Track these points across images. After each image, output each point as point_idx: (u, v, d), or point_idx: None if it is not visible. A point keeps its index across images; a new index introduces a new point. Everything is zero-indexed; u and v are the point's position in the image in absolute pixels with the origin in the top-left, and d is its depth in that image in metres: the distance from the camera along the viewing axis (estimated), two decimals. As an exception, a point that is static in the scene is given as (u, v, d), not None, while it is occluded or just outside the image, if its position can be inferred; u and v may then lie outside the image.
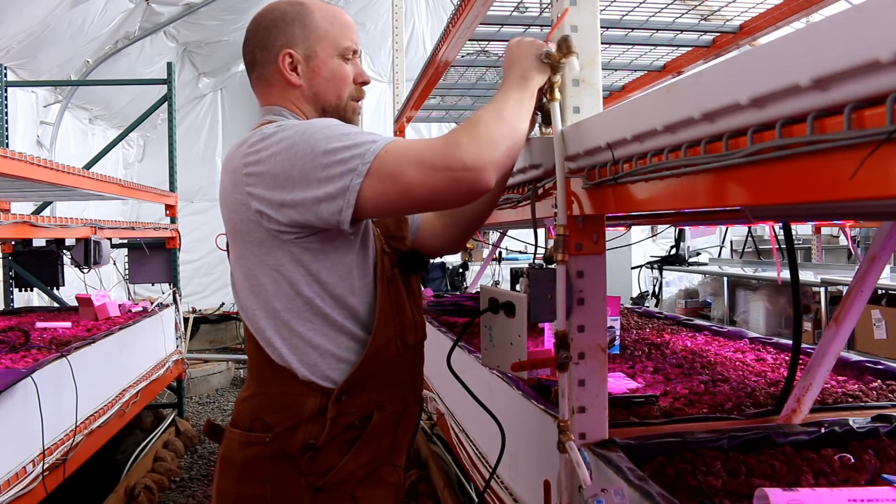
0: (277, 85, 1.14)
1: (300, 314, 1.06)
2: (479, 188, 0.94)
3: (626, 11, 1.86)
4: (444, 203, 0.98)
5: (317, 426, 1.07)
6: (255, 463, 1.08)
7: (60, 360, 2.27)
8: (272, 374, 1.08)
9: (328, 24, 1.13)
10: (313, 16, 1.13)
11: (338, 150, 0.95)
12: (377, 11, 6.82)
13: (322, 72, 1.13)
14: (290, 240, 1.03)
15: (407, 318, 1.16)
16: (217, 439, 1.18)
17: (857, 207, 1.21)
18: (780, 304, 4.99)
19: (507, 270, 5.01)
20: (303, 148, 0.97)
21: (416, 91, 2.85)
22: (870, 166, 0.52)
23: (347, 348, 1.09)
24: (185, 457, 3.89)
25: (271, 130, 1.02)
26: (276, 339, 1.07)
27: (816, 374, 1.31)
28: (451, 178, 0.92)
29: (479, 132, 0.94)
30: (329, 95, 1.15)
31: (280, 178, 0.98)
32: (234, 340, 6.98)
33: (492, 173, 0.94)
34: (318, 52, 1.12)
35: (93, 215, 5.60)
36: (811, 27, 0.54)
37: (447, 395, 2.37)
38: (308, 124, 1.00)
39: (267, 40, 1.13)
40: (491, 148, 0.93)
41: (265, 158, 1.00)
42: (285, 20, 1.12)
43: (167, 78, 4.42)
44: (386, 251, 1.15)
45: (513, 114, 1.00)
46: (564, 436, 1.09)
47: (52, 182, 2.29)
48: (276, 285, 1.06)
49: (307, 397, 1.07)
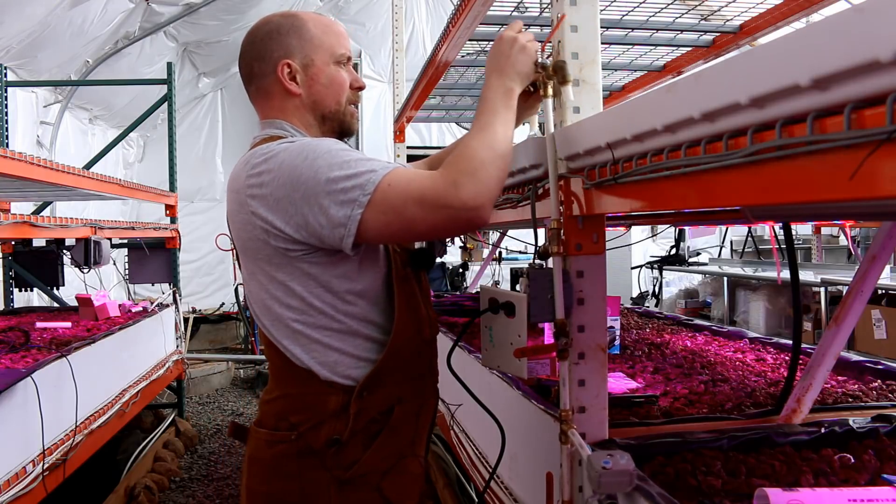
0: (277, 96, 1.17)
1: (315, 325, 1.09)
2: (477, 223, 1.00)
3: (626, 11, 1.85)
4: (444, 235, 1.07)
5: (340, 422, 1.09)
6: (283, 460, 1.11)
7: (60, 360, 2.27)
8: (294, 375, 1.11)
9: (322, 34, 1.16)
10: (307, 26, 1.16)
11: (339, 178, 0.98)
12: (377, 11, 6.81)
13: (320, 79, 1.16)
14: (298, 256, 1.05)
15: (422, 315, 1.19)
16: (242, 439, 1.21)
17: (857, 207, 1.21)
18: (780, 304, 4.99)
19: (507, 270, 5.01)
20: (305, 173, 0.99)
21: (416, 91, 2.85)
22: (870, 166, 0.52)
23: (366, 349, 1.12)
24: (185, 457, 3.89)
25: (274, 150, 1.04)
26: (294, 347, 1.10)
27: (816, 374, 1.31)
28: (450, 215, 0.97)
29: (477, 170, 0.98)
30: (328, 101, 1.17)
31: (283, 202, 1.01)
32: (234, 340, 6.99)
33: (489, 209, 0.99)
34: (315, 60, 1.15)
35: (93, 215, 5.60)
36: (811, 27, 0.54)
37: (447, 394, 2.37)
38: (310, 147, 1.02)
39: (264, 52, 1.16)
40: (488, 185, 0.98)
41: (268, 181, 1.02)
42: (280, 31, 1.15)
43: (167, 78, 4.42)
44: (397, 250, 1.17)
45: (502, 139, 1.03)
46: (566, 425, 1.09)
47: (52, 182, 2.30)
48: (288, 299, 1.08)
49: (329, 396, 1.10)
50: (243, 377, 5.81)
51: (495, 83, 1.09)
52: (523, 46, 1.09)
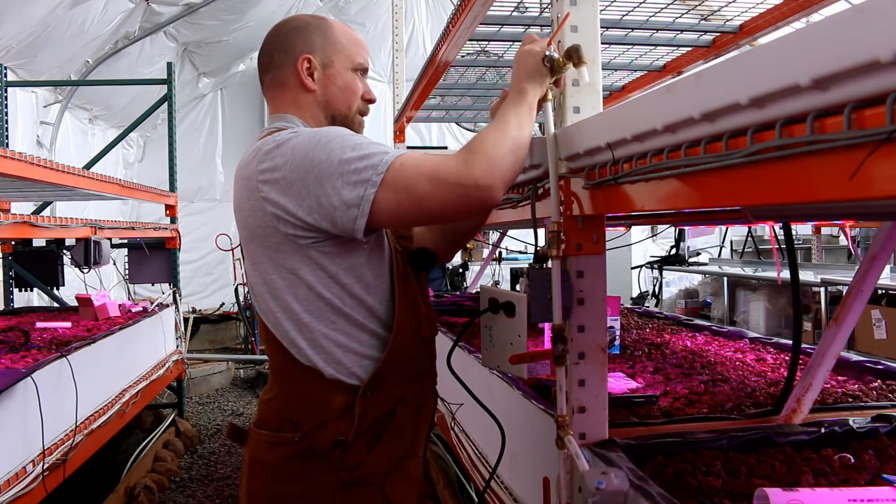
0: (291, 89, 1.18)
1: (321, 315, 1.09)
2: (488, 203, 1.00)
3: (626, 11, 1.86)
4: (455, 216, 1.04)
5: (345, 423, 1.09)
6: (286, 462, 1.10)
7: (60, 360, 2.27)
8: (297, 374, 1.10)
9: (346, 40, 1.20)
10: (333, 29, 1.20)
11: (352, 159, 0.99)
12: (377, 11, 6.82)
13: (336, 80, 1.19)
14: (307, 244, 1.05)
15: (422, 314, 1.19)
16: (241, 441, 1.20)
17: (857, 207, 1.21)
18: (780, 304, 4.99)
19: (507, 270, 5.01)
20: (318, 156, 1.00)
21: (416, 91, 2.85)
22: (870, 166, 0.52)
23: (369, 345, 1.12)
24: (185, 457, 3.89)
25: (285, 137, 1.05)
26: (300, 340, 1.09)
27: (816, 374, 1.31)
28: (462, 193, 0.97)
29: (488, 151, 0.99)
30: (340, 104, 1.20)
31: (296, 185, 1.01)
32: (234, 340, 6.98)
33: (500, 189, 1.00)
34: (335, 62, 1.18)
35: (93, 215, 5.60)
36: (811, 27, 0.54)
37: (447, 394, 2.37)
38: (322, 132, 1.04)
39: (287, 45, 1.18)
40: (499, 166, 0.99)
41: (280, 165, 1.03)
42: (308, 29, 1.19)
43: (167, 78, 4.42)
44: (398, 250, 1.18)
45: (515, 131, 1.04)
46: (563, 431, 1.09)
47: (52, 182, 2.30)
48: (295, 288, 1.08)
49: (334, 395, 1.09)
50: (243, 377, 5.81)
51: (510, 91, 1.12)
52: (527, 51, 1.11)
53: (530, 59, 1.10)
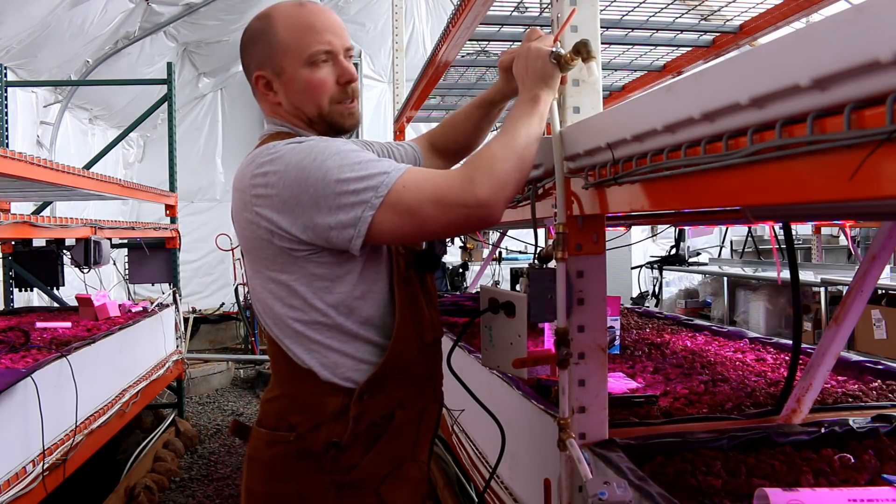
0: (265, 102, 1.17)
1: (315, 325, 1.08)
2: (490, 222, 0.99)
3: (626, 11, 1.86)
4: (455, 233, 1.06)
5: (339, 425, 1.08)
6: (281, 461, 1.10)
7: (60, 360, 2.27)
8: (294, 375, 1.10)
9: (290, 36, 1.09)
10: (275, 29, 1.09)
11: (350, 180, 0.97)
12: (377, 11, 6.81)
13: (294, 85, 1.11)
14: (303, 256, 1.04)
15: (424, 318, 1.17)
16: (243, 438, 1.20)
17: (857, 207, 1.21)
18: (780, 304, 4.99)
19: (507, 270, 5.01)
20: (314, 174, 0.97)
21: (416, 91, 2.85)
22: (870, 166, 0.52)
23: (366, 352, 1.10)
24: (185, 457, 3.89)
25: (280, 151, 1.01)
26: (295, 347, 1.09)
27: (816, 374, 1.31)
28: (465, 214, 0.96)
29: (494, 168, 0.97)
30: (307, 107, 1.12)
31: (290, 203, 0.99)
32: (234, 340, 6.98)
33: (502, 208, 0.99)
34: (285, 66, 1.10)
35: (93, 215, 5.60)
36: (811, 27, 0.54)
37: (448, 396, 2.37)
38: (318, 148, 1.00)
39: (245, 63, 1.16)
40: (504, 185, 0.98)
41: (274, 182, 1.00)
42: (252, 41, 1.13)
43: (167, 78, 4.42)
44: (401, 252, 1.15)
45: (523, 140, 1.02)
46: (565, 433, 1.09)
47: (52, 182, 2.30)
48: (290, 299, 1.07)
49: (329, 397, 1.08)
50: (243, 377, 5.81)
51: (522, 95, 1.09)
52: (533, 50, 1.08)
53: (539, 59, 1.06)
